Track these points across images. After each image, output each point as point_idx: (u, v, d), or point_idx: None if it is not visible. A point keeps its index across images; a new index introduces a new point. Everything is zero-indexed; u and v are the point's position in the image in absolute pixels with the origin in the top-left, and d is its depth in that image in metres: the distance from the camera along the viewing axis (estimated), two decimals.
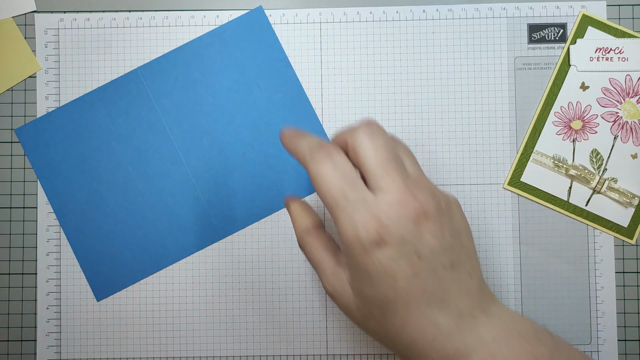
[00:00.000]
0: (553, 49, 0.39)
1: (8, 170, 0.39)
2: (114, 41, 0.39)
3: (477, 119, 0.39)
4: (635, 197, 0.38)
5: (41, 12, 0.39)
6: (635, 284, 0.38)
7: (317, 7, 0.39)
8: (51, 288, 0.39)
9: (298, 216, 0.30)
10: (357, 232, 0.24)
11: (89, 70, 0.39)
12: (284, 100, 0.39)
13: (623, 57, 0.38)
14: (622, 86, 0.38)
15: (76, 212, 0.39)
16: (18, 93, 0.39)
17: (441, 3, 0.39)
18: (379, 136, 0.26)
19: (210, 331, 0.39)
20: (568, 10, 0.39)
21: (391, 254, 0.24)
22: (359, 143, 0.26)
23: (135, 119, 0.39)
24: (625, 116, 0.38)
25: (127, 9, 0.39)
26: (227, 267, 0.39)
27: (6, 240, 0.39)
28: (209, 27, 0.39)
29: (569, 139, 0.38)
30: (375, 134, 0.26)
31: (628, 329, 0.38)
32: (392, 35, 0.39)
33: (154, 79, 0.39)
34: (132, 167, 0.39)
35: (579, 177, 0.38)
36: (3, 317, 0.39)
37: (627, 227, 0.38)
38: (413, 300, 0.25)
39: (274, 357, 0.38)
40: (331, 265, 0.28)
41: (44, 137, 0.39)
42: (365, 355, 0.38)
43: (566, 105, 0.38)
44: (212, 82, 0.39)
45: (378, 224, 0.24)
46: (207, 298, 0.39)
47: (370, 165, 0.25)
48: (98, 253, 0.39)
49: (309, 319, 0.39)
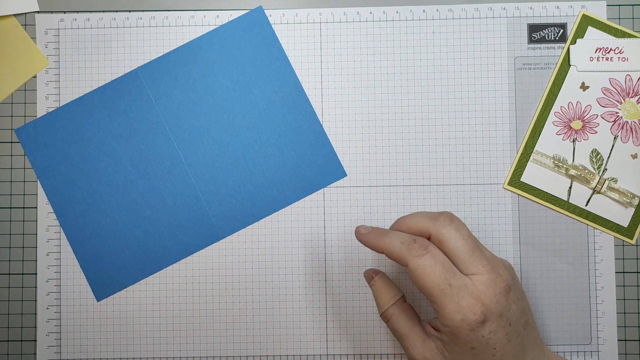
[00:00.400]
0: (553, 49, 0.39)
1: (8, 170, 0.39)
2: (114, 41, 0.39)
3: (477, 119, 0.39)
4: (635, 197, 0.38)
5: (41, 12, 0.39)
6: (635, 284, 0.38)
7: (317, 7, 0.39)
8: (51, 288, 0.39)
9: (383, 292, 0.34)
10: (465, 316, 0.28)
11: (89, 70, 0.39)
12: (284, 100, 0.39)
13: (623, 57, 0.38)
14: (622, 86, 0.38)
15: (76, 212, 0.39)
16: (18, 93, 0.39)
17: (441, 3, 0.39)
18: (462, 227, 0.30)
19: (210, 331, 0.39)
20: (568, 10, 0.39)
21: (492, 328, 0.29)
22: (448, 236, 0.30)
23: (135, 119, 0.39)
24: (625, 116, 0.38)
25: (127, 9, 0.39)
26: (227, 267, 0.39)
27: (6, 240, 0.39)
28: (209, 27, 0.39)
29: (569, 139, 0.38)
30: (459, 225, 0.30)
31: (628, 329, 0.38)
32: (392, 35, 0.39)
33: (154, 79, 0.39)
34: (132, 167, 0.39)
35: (579, 177, 0.38)
36: (3, 317, 0.39)
37: (627, 227, 0.38)
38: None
39: (274, 357, 0.38)
40: (420, 336, 0.31)
41: (44, 137, 0.39)
42: (365, 355, 0.38)
43: (566, 105, 0.38)
44: (212, 82, 0.39)
45: (482, 305, 0.29)
46: (207, 298, 0.39)
47: (461, 254, 0.30)
48: (98, 253, 0.39)
49: (309, 319, 0.39)
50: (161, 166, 0.39)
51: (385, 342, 0.38)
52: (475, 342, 0.29)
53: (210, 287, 0.39)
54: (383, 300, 0.33)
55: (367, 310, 0.38)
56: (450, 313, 0.29)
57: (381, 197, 0.39)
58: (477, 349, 0.29)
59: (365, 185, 0.39)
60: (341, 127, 0.39)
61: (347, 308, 0.38)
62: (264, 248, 0.39)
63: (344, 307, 0.39)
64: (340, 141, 0.39)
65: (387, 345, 0.38)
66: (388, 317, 0.33)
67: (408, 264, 0.29)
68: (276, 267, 0.39)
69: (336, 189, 0.39)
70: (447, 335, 0.30)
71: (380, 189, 0.39)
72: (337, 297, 0.39)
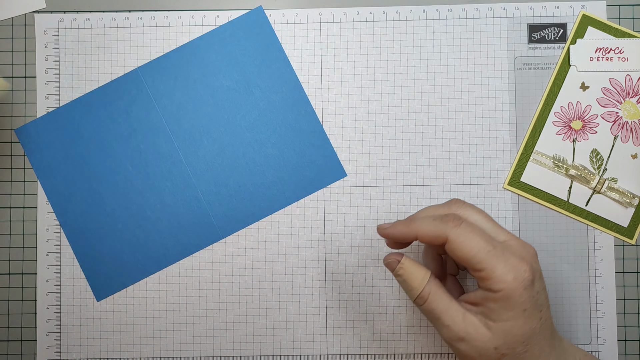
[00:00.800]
0: (553, 49, 0.39)
1: (8, 170, 0.39)
2: (114, 41, 0.39)
3: (477, 119, 0.39)
4: (635, 197, 0.38)
5: (41, 12, 0.39)
6: (635, 284, 0.38)
7: (317, 7, 0.39)
8: (51, 288, 0.39)
9: (415, 272, 0.31)
10: (517, 274, 0.28)
11: (89, 70, 0.39)
12: (284, 100, 0.39)
13: (623, 57, 0.38)
14: (622, 86, 0.38)
15: (76, 212, 0.39)
16: (18, 93, 0.39)
17: (441, 3, 0.39)
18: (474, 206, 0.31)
19: (210, 331, 0.39)
20: (568, 10, 0.39)
21: (538, 288, 0.29)
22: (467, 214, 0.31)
23: (136, 119, 0.39)
24: (625, 116, 0.38)
25: (127, 9, 0.39)
26: (227, 267, 0.39)
27: (6, 240, 0.39)
28: (209, 27, 0.39)
29: (569, 139, 0.38)
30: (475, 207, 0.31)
31: (628, 329, 0.38)
32: (392, 35, 0.39)
33: (154, 79, 0.39)
34: (132, 167, 0.39)
35: (579, 177, 0.38)
36: (3, 317, 0.39)
37: (627, 227, 0.38)
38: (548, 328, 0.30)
39: (274, 357, 0.38)
40: (460, 311, 0.30)
41: (44, 137, 0.39)
42: (365, 355, 0.38)
43: (566, 105, 0.38)
44: (212, 82, 0.39)
45: (527, 264, 0.29)
46: (207, 298, 0.39)
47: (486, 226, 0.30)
48: (98, 253, 0.39)
49: (309, 319, 0.39)
50: (161, 166, 0.39)
51: (385, 342, 0.38)
52: (527, 302, 0.28)
53: (210, 287, 0.39)
54: (416, 281, 0.31)
55: (367, 310, 0.38)
56: (502, 274, 0.28)
57: (381, 197, 0.39)
58: (528, 311, 0.29)
59: (365, 185, 0.39)
60: (341, 127, 0.39)
61: (347, 308, 0.38)
62: (264, 248, 0.39)
63: (344, 307, 0.39)
64: (340, 141, 0.39)
65: (387, 345, 0.38)
66: (425, 298, 0.31)
67: (448, 236, 0.29)
68: (276, 267, 0.39)
69: (336, 189, 0.39)
70: (498, 300, 0.29)
71: (380, 189, 0.39)
72: (337, 297, 0.39)
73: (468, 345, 0.30)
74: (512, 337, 0.29)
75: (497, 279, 0.28)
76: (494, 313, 0.29)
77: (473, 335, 0.29)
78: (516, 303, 0.28)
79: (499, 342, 0.29)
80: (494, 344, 0.29)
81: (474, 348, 0.29)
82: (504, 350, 0.29)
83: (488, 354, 0.29)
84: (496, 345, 0.29)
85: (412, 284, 0.31)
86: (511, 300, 0.28)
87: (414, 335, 0.38)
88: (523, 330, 0.29)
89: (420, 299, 0.31)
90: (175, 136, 0.39)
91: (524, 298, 0.28)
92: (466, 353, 0.30)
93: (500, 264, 0.28)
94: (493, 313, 0.29)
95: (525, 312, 0.29)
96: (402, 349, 0.38)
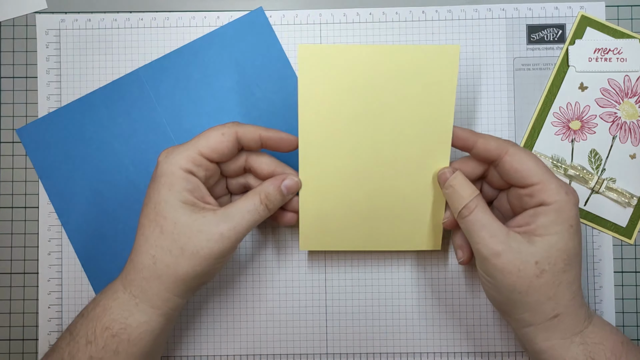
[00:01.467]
0: (552, 49, 0.39)
1: (10, 170, 0.39)
2: (115, 42, 0.39)
3: (476, 119, 0.39)
4: (633, 197, 0.38)
5: (42, 13, 0.40)
6: (634, 284, 0.38)
7: (317, 8, 0.39)
8: (53, 287, 0.39)
9: (465, 184, 0.33)
10: (568, 190, 0.31)
11: (90, 70, 0.39)
12: (284, 101, 0.39)
13: (622, 57, 0.38)
14: (620, 87, 0.38)
15: (78, 211, 0.39)
16: (19, 93, 0.39)
17: (440, 4, 0.39)
18: None
19: (211, 330, 0.39)
20: (567, 11, 0.39)
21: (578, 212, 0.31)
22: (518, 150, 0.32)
23: (136, 119, 0.39)
24: (623, 116, 0.38)
25: (128, 10, 0.40)
26: (227, 267, 0.39)
27: (8, 239, 0.39)
28: (209, 28, 0.39)
29: (567, 139, 0.38)
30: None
31: (627, 328, 0.38)
32: (392, 37, 0.39)
33: (155, 79, 0.39)
34: (133, 167, 0.39)
35: (577, 177, 0.38)
36: (5, 316, 0.39)
37: (625, 227, 0.38)
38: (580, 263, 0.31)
39: (274, 357, 0.39)
40: (503, 227, 0.31)
41: (45, 137, 0.39)
42: (365, 355, 0.38)
43: (565, 105, 0.38)
44: (213, 83, 0.39)
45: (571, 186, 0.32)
46: (207, 297, 0.39)
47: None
48: (99, 252, 0.39)
49: (309, 319, 0.39)
50: None
51: (385, 342, 0.38)
52: (574, 219, 0.31)
53: (210, 287, 0.39)
54: (467, 191, 0.32)
55: (367, 310, 0.39)
56: (557, 187, 0.31)
57: None
58: (574, 227, 0.31)
59: None
60: None
61: (347, 308, 0.39)
62: (264, 248, 0.39)
63: (344, 307, 0.39)
64: None
65: (387, 345, 0.38)
66: (471, 208, 0.32)
67: (509, 149, 0.32)
68: (276, 267, 0.39)
69: None
70: (549, 213, 0.30)
71: None
72: (337, 297, 0.39)
73: (506, 259, 0.30)
74: (556, 252, 0.30)
75: (553, 191, 0.30)
76: (541, 228, 0.30)
77: (515, 247, 0.30)
78: (566, 217, 0.30)
79: (541, 256, 0.30)
80: (536, 257, 0.30)
81: (513, 262, 0.30)
82: (545, 266, 0.30)
83: (527, 268, 0.30)
84: (538, 259, 0.30)
85: (463, 194, 0.32)
86: (562, 213, 0.30)
87: (413, 335, 0.38)
88: (567, 246, 0.30)
89: (467, 209, 0.32)
90: (177, 136, 0.39)
91: (573, 213, 0.31)
92: (502, 267, 0.30)
93: (555, 180, 0.31)
94: (540, 228, 0.30)
95: (571, 227, 0.30)
96: (402, 348, 0.38)
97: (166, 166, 0.31)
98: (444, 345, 0.38)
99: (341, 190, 0.34)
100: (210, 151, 0.32)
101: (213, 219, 0.31)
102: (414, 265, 0.39)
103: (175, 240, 0.30)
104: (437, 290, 0.39)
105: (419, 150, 0.34)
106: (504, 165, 0.32)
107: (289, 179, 0.33)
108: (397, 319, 0.38)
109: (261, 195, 0.32)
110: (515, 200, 0.33)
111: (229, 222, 0.31)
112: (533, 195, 0.31)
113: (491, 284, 0.31)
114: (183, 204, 0.31)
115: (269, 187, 0.33)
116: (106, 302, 0.31)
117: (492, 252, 0.30)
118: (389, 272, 0.39)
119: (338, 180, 0.34)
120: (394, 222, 0.35)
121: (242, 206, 0.32)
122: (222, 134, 0.32)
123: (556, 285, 0.30)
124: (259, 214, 0.32)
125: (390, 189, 0.34)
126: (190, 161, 0.31)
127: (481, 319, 0.38)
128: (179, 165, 0.31)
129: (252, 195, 0.32)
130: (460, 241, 0.35)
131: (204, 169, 0.32)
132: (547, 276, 0.30)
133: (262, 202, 0.32)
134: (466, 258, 0.35)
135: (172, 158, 0.31)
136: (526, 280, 0.30)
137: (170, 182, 0.31)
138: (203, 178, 0.32)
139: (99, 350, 0.30)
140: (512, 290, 0.30)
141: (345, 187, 0.34)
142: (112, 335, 0.30)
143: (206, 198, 0.33)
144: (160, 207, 0.31)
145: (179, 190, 0.31)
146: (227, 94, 0.39)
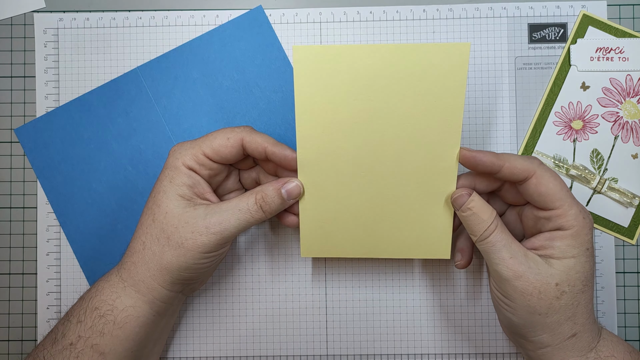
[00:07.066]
0: (554, 48, 0.39)
1: (8, 170, 0.39)
2: (114, 41, 0.39)
3: (477, 119, 0.39)
4: (635, 197, 0.38)
5: (40, 12, 0.39)
6: (636, 284, 0.38)
7: (317, 6, 0.39)
8: (51, 288, 0.39)
9: (484, 206, 0.32)
10: (586, 216, 0.31)
11: (89, 69, 0.39)
12: (284, 100, 0.39)
13: (623, 56, 0.38)
14: (622, 86, 0.38)
15: (76, 212, 0.39)
16: (17, 93, 0.39)
17: (441, 3, 0.39)
18: None
19: (211, 331, 0.39)
20: (568, 10, 0.39)
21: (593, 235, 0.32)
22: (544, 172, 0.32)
23: (135, 118, 0.39)
24: (625, 116, 0.38)
25: (126, 8, 0.39)
26: (228, 267, 0.39)
27: (6, 240, 0.39)
28: (208, 26, 0.39)
29: (569, 139, 0.38)
30: None
31: (628, 329, 0.38)
32: (393, 35, 0.39)
33: (154, 78, 0.39)
34: (131, 167, 0.39)
35: (579, 177, 0.38)
36: (4, 317, 0.39)
37: (627, 227, 0.38)
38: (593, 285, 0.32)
39: (274, 357, 0.38)
40: (522, 249, 0.31)
41: (43, 137, 0.39)
42: (365, 356, 0.38)
43: (567, 105, 0.38)
44: (212, 82, 0.39)
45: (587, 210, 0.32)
46: (207, 298, 0.39)
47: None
48: (98, 253, 0.39)
49: (309, 320, 0.39)
50: (161, 166, 0.39)
51: (385, 342, 0.38)
52: (589, 242, 0.31)
53: (210, 287, 0.39)
54: (486, 214, 0.31)
55: (367, 310, 0.38)
56: (576, 213, 0.31)
57: None
58: (590, 250, 0.31)
59: None
60: None
61: (347, 308, 0.38)
62: (264, 248, 0.39)
63: (344, 307, 0.39)
64: None
65: (387, 346, 0.38)
66: (492, 230, 0.31)
67: (536, 171, 0.31)
68: (276, 267, 0.39)
69: None
70: (566, 238, 0.31)
71: None
72: (337, 297, 0.39)
73: (527, 282, 0.30)
74: (575, 274, 0.30)
75: (572, 216, 0.31)
76: (559, 251, 0.31)
77: (535, 270, 0.30)
78: (582, 241, 0.31)
79: (561, 278, 0.30)
80: (555, 279, 0.30)
81: (533, 284, 0.30)
82: (565, 288, 0.30)
83: (548, 290, 0.30)
84: (558, 281, 0.30)
85: (483, 216, 0.31)
86: (579, 238, 0.31)
87: (414, 336, 0.38)
88: (585, 268, 0.31)
89: (488, 232, 0.31)
90: (175, 136, 0.39)
91: (589, 237, 0.31)
92: (523, 289, 0.30)
93: (576, 205, 0.31)
94: (558, 251, 0.31)
95: (587, 250, 0.31)
96: (402, 349, 0.38)
97: (172, 160, 0.32)
98: (444, 347, 0.38)
99: (342, 196, 0.33)
100: (213, 153, 0.32)
101: (202, 213, 0.31)
102: (414, 267, 0.39)
103: (163, 230, 0.31)
104: (437, 292, 0.38)
105: (426, 153, 0.32)
106: (528, 186, 0.31)
107: (291, 183, 0.33)
108: (397, 320, 0.38)
109: (257, 195, 0.32)
110: (530, 221, 0.33)
111: (216, 217, 0.31)
112: (551, 219, 0.31)
113: (509, 307, 0.31)
114: (179, 197, 0.32)
115: (268, 188, 0.32)
116: (99, 284, 0.33)
117: (513, 274, 0.30)
118: (389, 274, 0.38)
119: (339, 186, 0.33)
120: (399, 229, 0.34)
121: (235, 203, 0.32)
122: (227, 139, 0.32)
123: (575, 306, 0.30)
124: (251, 214, 0.32)
125: (394, 194, 0.33)
126: (193, 159, 0.32)
127: (482, 320, 0.38)
128: (183, 161, 0.32)
129: (249, 195, 0.32)
130: (462, 245, 0.35)
131: (207, 168, 0.33)
132: (567, 297, 0.30)
133: (257, 202, 0.32)
134: (464, 262, 0.35)
135: (178, 153, 0.32)
136: (546, 302, 0.30)
137: (173, 175, 0.32)
138: (206, 176, 0.33)
139: (87, 329, 0.31)
140: (532, 312, 0.30)
141: (346, 192, 0.33)
142: (100, 316, 0.31)
143: (206, 195, 0.33)
144: (158, 197, 0.32)
145: (178, 184, 0.32)
146: (226, 93, 0.39)
